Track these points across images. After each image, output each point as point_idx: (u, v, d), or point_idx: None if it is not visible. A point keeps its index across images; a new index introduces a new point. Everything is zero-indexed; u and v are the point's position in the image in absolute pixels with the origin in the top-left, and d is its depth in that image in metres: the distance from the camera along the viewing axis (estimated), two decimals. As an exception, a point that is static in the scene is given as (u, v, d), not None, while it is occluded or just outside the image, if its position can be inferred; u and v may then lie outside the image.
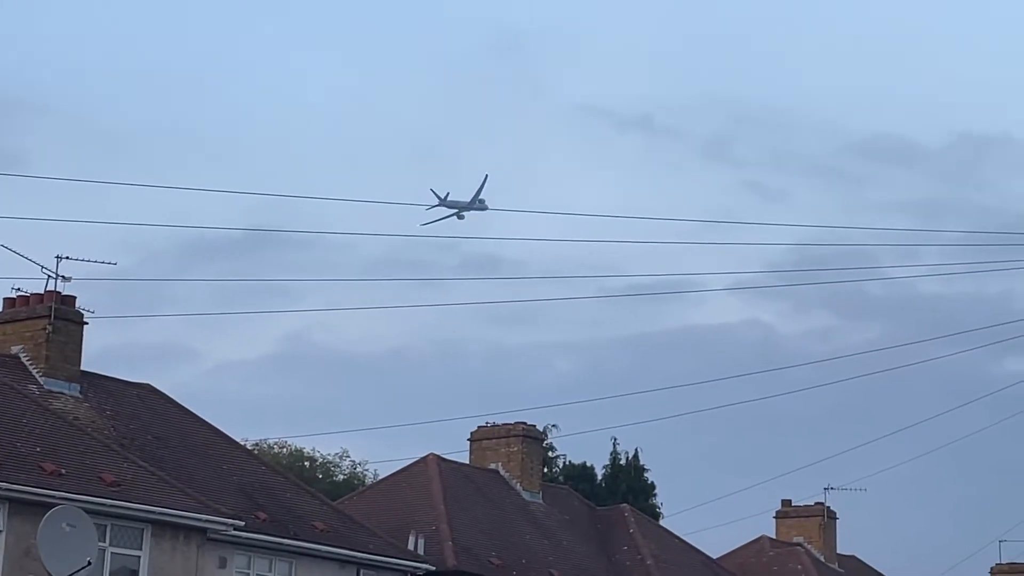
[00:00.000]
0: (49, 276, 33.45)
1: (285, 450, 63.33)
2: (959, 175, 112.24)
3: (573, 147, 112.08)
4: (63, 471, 29.00)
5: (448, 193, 55.87)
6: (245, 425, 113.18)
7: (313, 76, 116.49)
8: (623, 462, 67.25)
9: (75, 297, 33.94)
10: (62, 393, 33.29)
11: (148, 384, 36.44)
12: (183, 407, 36.40)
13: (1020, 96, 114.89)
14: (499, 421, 46.25)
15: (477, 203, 58.65)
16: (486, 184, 56.08)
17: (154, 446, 33.70)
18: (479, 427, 46.29)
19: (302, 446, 64.43)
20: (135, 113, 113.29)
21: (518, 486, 44.70)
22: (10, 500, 27.59)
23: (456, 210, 59.00)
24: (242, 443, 39.77)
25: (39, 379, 33.18)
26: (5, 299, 34.46)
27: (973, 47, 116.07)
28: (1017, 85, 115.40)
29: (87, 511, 24.69)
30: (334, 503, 38.98)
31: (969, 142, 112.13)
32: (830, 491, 54.83)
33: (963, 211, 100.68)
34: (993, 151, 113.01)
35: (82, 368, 34.17)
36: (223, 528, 31.18)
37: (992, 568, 62.23)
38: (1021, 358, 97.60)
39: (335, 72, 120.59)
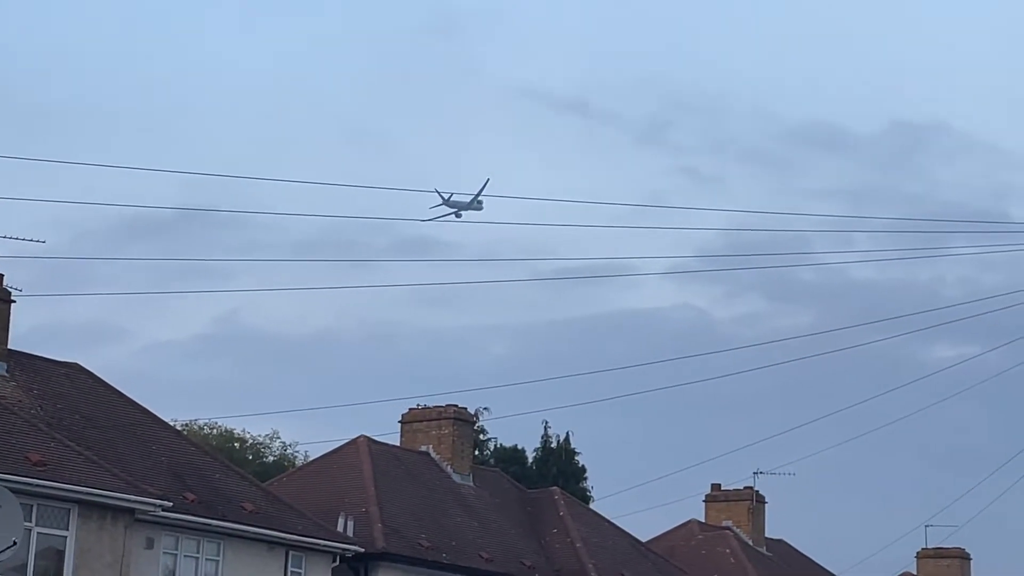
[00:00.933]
0: (-24, 254, 33.13)
1: (215, 431, 63.08)
2: (891, 163, 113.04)
3: (508, 129, 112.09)
4: (-11, 450, 28.74)
5: (452, 194, 58.06)
6: (175, 406, 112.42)
7: (244, 54, 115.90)
8: (554, 445, 67.45)
9: (3, 275, 33.62)
10: (-11, 372, 32.99)
11: (76, 363, 36.16)
12: (112, 387, 36.15)
13: (952, 85, 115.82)
14: (431, 403, 46.24)
15: (476, 203, 60.68)
16: (486, 186, 58.02)
17: (82, 426, 33.45)
18: (410, 409, 46.25)
19: (232, 427, 64.26)
20: (59, 90, 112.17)
21: (449, 468, 44.71)
22: (-66, 479, 27.32)
23: (455, 209, 60.93)
24: (171, 424, 39.54)
25: (-34, 358, 32.89)
26: (-68, 277, 34.07)
27: (907, 36, 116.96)
28: (950, 74, 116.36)
29: (13, 491, 24.43)
30: (264, 484, 38.86)
31: (901, 130, 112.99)
32: (759, 475, 55.20)
33: (895, 198, 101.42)
34: (925, 139, 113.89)
35: (9, 347, 33.87)
36: (151, 509, 31.01)
37: (918, 552, 62.82)
38: (950, 344, 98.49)
39: (266, 51, 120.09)
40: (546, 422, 66.70)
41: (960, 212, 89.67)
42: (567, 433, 67.42)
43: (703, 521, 54.72)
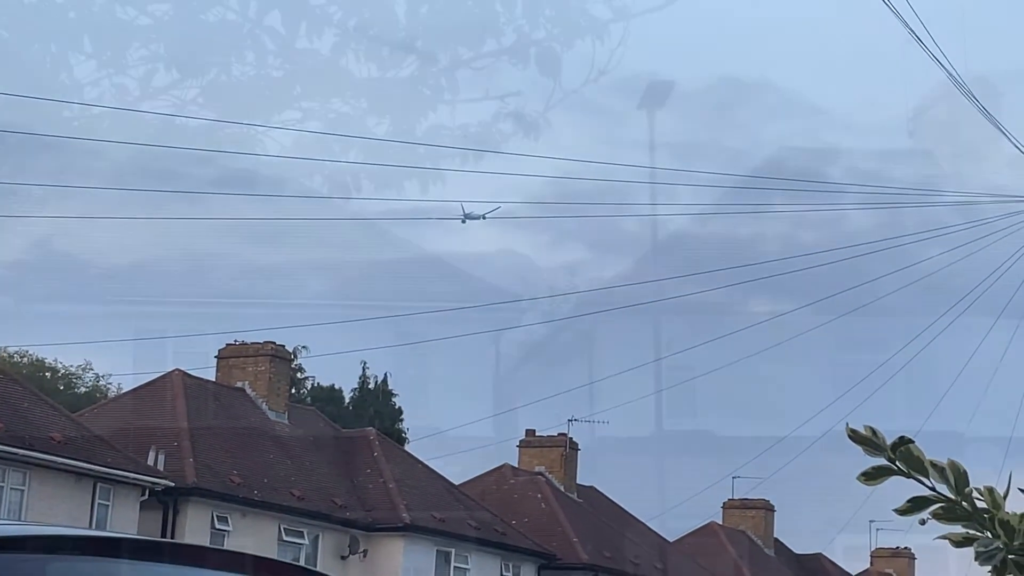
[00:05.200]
0: None
1: (25, 359, 61.91)
2: (716, 117, 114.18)
3: (341, 66, 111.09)
4: None
5: (472, 212, 63.13)
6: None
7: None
8: (372, 386, 67.38)
9: None
10: None
11: None
12: (-82, 310, 35.30)
13: (779, 43, 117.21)
14: (248, 340, 45.84)
15: (482, 217, 64.88)
16: (498, 209, 62.65)
17: None
18: (227, 345, 45.79)
19: (43, 356, 63.11)
20: None
21: (264, 406, 44.40)
22: None
23: (466, 219, 64.66)
24: (-21, 350, 38.76)
25: None
26: None
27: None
28: (777, 32, 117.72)
29: None
30: (74, 416, 38.26)
31: (727, 85, 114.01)
32: (573, 422, 55.68)
33: (718, 153, 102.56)
34: (750, 95, 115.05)
35: None
36: (-45, 436, 30.37)
37: (724, 503, 64.11)
38: (766, 300, 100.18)
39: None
40: (364, 363, 66.66)
41: (781, 170, 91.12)
42: (385, 374, 67.46)
43: (516, 466, 55.11)
